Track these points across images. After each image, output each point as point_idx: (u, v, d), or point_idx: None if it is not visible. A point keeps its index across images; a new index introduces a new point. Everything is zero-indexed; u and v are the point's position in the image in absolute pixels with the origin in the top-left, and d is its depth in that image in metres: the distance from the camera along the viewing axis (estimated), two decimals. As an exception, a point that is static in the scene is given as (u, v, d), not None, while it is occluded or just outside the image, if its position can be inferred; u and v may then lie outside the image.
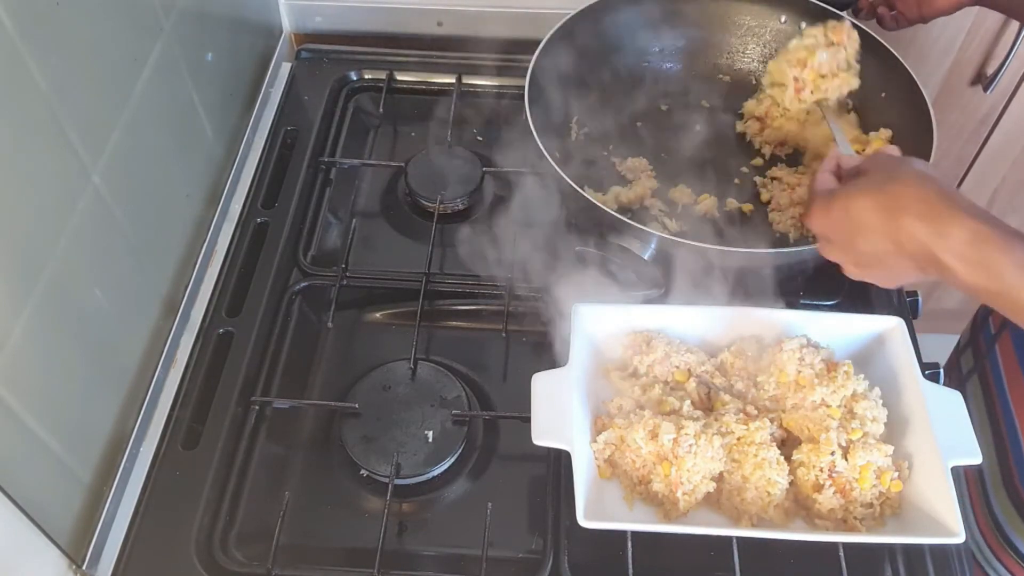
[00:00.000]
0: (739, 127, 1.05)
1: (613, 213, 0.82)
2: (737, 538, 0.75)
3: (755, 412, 0.76)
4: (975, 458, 0.71)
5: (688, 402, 0.75)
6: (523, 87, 0.91)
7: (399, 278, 0.94)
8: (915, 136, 0.91)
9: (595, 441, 0.74)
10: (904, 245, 0.64)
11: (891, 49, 0.97)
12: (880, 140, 0.98)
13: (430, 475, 0.80)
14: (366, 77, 1.15)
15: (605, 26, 1.02)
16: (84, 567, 0.74)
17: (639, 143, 1.02)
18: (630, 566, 0.73)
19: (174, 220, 0.89)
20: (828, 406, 0.74)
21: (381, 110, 1.11)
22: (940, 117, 0.89)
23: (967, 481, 1.00)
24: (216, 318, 0.90)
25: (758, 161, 1.02)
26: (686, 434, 0.71)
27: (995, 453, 1.03)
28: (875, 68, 0.98)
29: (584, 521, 0.68)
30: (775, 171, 1.00)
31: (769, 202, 0.98)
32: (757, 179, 1.00)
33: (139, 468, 0.80)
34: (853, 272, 0.71)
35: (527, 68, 0.92)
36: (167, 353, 0.86)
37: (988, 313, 1.11)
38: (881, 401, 0.76)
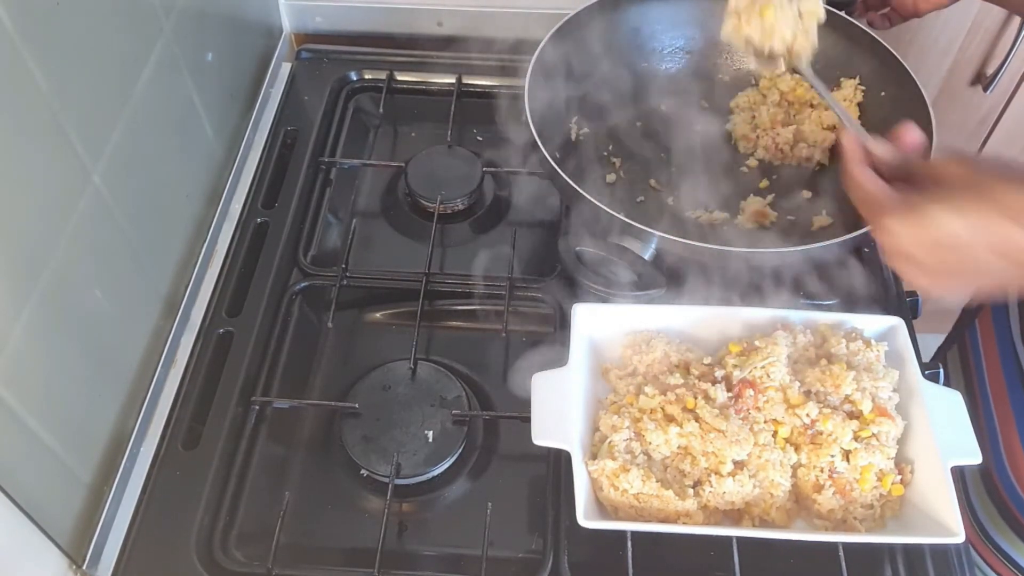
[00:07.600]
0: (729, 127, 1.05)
1: (613, 213, 0.82)
2: (737, 538, 0.75)
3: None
4: (975, 458, 0.71)
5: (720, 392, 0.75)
6: (523, 87, 0.91)
7: (399, 278, 0.94)
8: (915, 136, 0.91)
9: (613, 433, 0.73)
10: (1011, 255, 0.60)
11: (891, 49, 0.96)
12: (851, 84, 1.00)
13: (430, 475, 0.80)
14: (366, 77, 1.15)
15: (605, 26, 1.02)
16: (84, 567, 0.74)
17: (639, 143, 1.02)
18: (630, 566, 0.73)
19: (174, 220, 0.89)
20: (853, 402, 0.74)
21: (381, 110, 1.11)
22: (940, 117, 0.89)
23: None
24: (216, 318, 0.90)
25: (753, 163, 1.02)
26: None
27: None
28: (875, 68, 0.98)
29: (584, 521, 0.68)
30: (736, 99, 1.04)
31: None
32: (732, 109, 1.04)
33: (139, 468, 0.80)
34: (924, 285, 0.66)
35: (527, 68, 0.92)
36: (167, 353, 0.86)
37: (974, 316, 1.10)
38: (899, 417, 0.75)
